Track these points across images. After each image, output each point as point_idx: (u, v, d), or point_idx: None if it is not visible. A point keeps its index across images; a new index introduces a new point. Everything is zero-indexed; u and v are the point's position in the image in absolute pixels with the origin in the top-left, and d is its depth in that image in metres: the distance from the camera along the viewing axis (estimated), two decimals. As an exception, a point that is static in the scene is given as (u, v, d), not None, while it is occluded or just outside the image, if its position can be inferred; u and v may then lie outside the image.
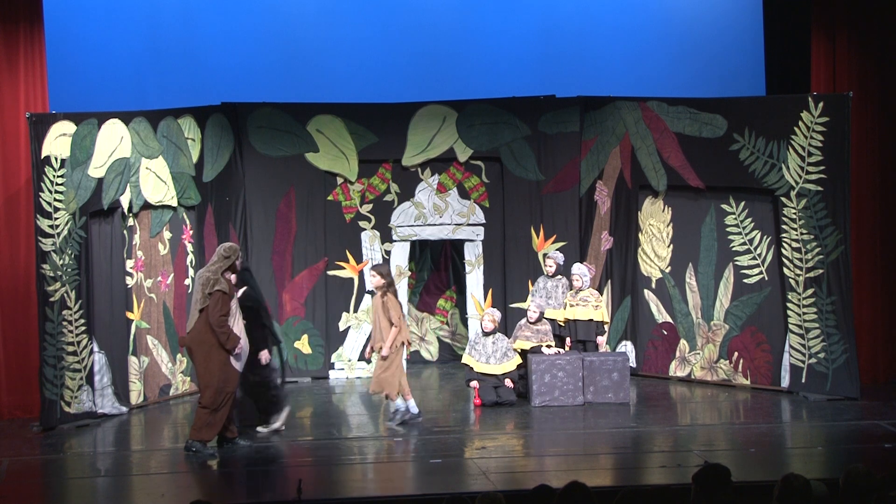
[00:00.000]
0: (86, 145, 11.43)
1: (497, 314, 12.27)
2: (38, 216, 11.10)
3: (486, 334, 12.12)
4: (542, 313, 12.29)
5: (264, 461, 10.05)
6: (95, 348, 11.58)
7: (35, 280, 11.28)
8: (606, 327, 12.76)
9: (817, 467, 9.53)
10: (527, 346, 12.15)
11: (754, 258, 12.53)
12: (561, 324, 12.57)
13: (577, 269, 12.58)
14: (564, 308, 12.57)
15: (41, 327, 11.11)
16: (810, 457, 10.05)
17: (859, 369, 11.93)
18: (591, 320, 12.48)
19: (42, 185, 11.09)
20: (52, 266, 11.10)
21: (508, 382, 12.02)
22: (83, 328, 11.34)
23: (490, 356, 12.04)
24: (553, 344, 12.21)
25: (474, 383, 12.00)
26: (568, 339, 12.50)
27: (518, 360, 12.10)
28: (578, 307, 12.49)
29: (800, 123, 11.93)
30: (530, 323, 12.22)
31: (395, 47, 13.93)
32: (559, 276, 12.78)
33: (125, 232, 11.96)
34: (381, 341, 10.98)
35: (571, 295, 12.55)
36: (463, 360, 12.21)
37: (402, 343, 11.07)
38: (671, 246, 13.12)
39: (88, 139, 11.46)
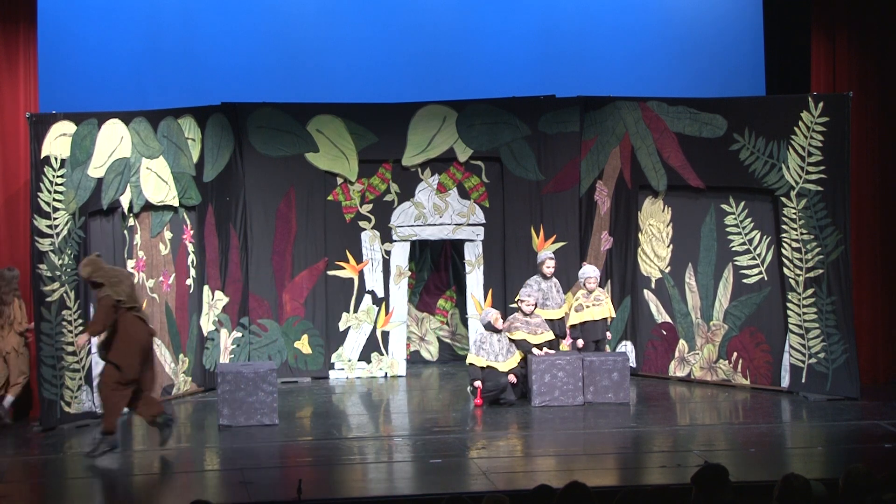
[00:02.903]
0: (86, 145, 11.42)
1: (499, 313, 12.25)
2: (35, 216, 11.07)
3: (493, 331, 12.06)
4: (535, 304, 12.27)
5: (264, 461, 10.05)
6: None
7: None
8: (609, 322, 12.77)
9: (817, 467, 9.53)
10: (517, 336, 12.13)
11: (754, 258, 12.53)
12: (566, 323, 12.56)
13: (592, 271, 12.54)
14: (580, 310, 12.48)
15: (37, 327, 11.09)
16: (810, 457, 10.06)
17: (859, 369, 11.92)
18: (605, 318, 12.50)
19: (41, 185, 11.07)
20: (50, 266, 11.07)
21: (512, 378, 11.99)
22: (82, 328, 11.33)
23: (498, 354, 12.01)
24: (552, 337, 12.20)
25: (477, 383, 11.94)
26: (580, 341, 12.44)
27: (519, 355, 12.08)
28: (594, 307, 12.47)
29: (800, 123, 11.93)
30: (524, 315, 12.22)
31: (395, 47, 13.92)
32: (553, 277, 12.76)
33: (125, 232, 11.96)
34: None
35: (584, 296, 12.50)
36: (469, 361, 12.12)
37: None
38: (671, 246, 13.12)
39: (88, 139, 11.45)
